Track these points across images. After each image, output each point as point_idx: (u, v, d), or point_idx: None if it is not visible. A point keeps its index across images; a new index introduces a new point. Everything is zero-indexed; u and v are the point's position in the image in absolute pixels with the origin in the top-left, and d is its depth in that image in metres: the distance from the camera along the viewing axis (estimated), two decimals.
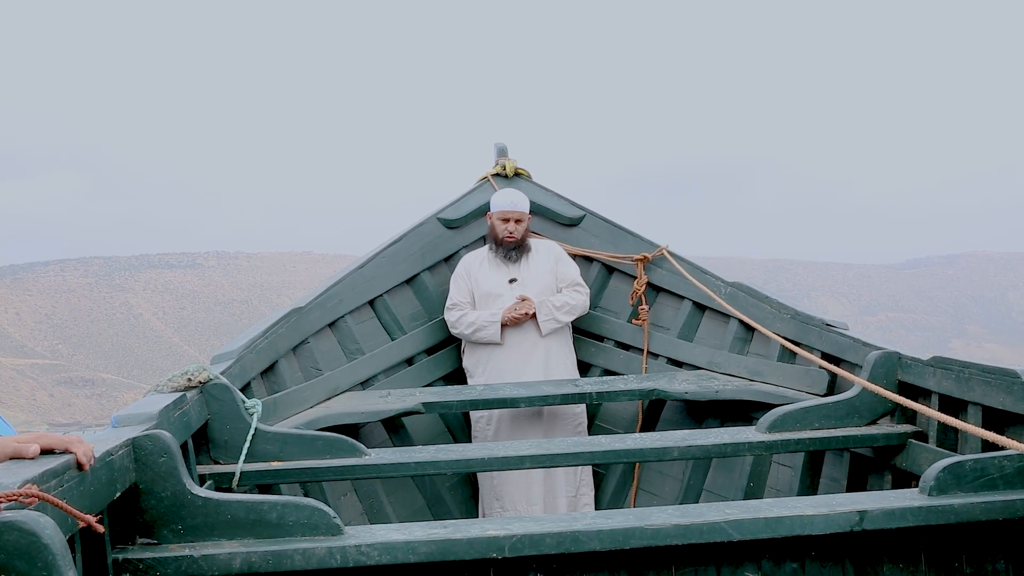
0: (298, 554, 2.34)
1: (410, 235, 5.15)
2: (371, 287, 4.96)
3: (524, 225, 4.95)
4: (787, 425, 3.45)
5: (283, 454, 3.28)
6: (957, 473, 2.56)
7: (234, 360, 3.70)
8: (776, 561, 2.53)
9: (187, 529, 2.40)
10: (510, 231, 4.91)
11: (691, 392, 4.36)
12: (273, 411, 3.87)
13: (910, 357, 3.48)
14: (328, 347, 4.68)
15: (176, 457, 2.43)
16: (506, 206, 4.94)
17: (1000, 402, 2.96)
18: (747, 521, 2.45)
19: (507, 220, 4.92)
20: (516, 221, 4.92)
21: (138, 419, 2.68)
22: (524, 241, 4.96)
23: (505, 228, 4.91)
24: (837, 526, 2.47)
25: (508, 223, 4.91)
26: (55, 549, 1.62)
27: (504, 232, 4.91)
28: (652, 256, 5.02)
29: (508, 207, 4.93)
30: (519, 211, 4.94)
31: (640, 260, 5.03)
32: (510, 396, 4.31)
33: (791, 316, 4.37)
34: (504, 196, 4.99)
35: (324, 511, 2.42)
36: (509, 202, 4.94)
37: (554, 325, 4.86)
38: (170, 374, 3.21)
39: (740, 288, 4.68)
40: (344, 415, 4.16)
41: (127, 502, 2.38)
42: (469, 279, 4.97)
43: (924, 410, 2.80)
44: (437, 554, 2.37)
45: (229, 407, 3.25)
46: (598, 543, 2.41)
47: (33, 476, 1.81)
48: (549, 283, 4.94)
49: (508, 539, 2.38)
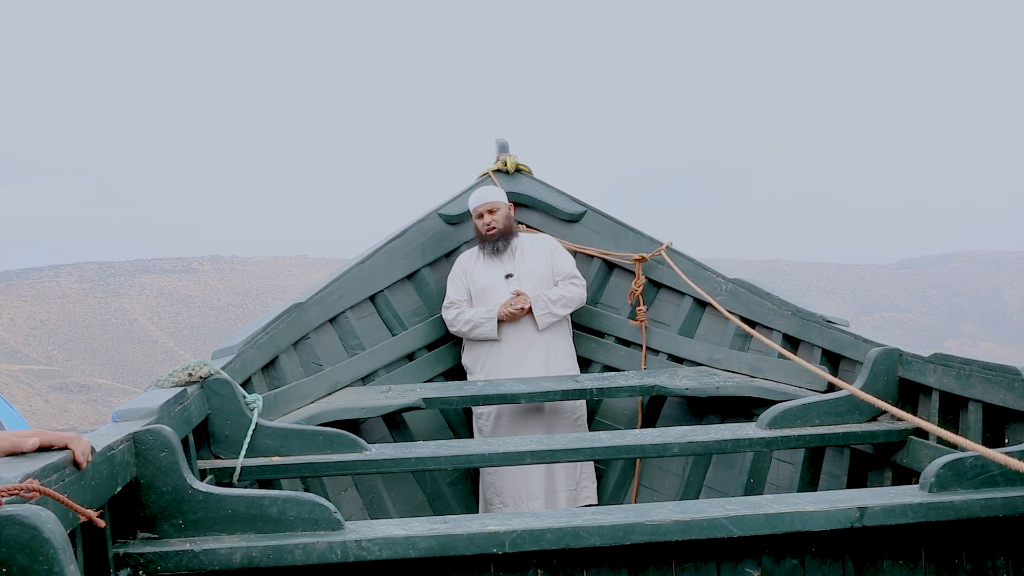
0: (299, 549, 2.34)
1: (411, 230, 5.15)
2: (372, 282, 4.96)
3: (501, 214, 4.96)
4: (787, 421, 3.46)
5: (284, 449, 3.28)
6: (957, 470, 2.56)
7: (235, 355, 3.70)
8: (776, 557, 2.53)
9: (188, 523, 2.41)
10: (487, 223, 4.94)
11: (692, 388, 4.36)
12: (274, 406, 3.87)
13: (911, 354, 3.48)
14: (329, 342, 4.69)
15: (177, 452, 2.43)
16: (476, 202, 4.98)
17: (1001, 399, 2.96)
18: (747, 517, 2.45)
19: (482, 215, 4.96)
20: (490, 212, 4.94)
21: (139, 414, 2.68)
22: (508, 230, 4.97)
23: (483, 223, 4.95)
24: (837, 522, 2.47)
25: (483, 217, 4.95)
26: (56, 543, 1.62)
27: (484, 227, 4.95)
28: (650, 256, 5.02)
29: (478, 202, 4.97)
30: (489, 201, 4.95)
31: (638, 260, 5.03)
32: (510, 392, 4.31)
33: (792, 313, 4.37)
34: (474, 194, 5.03)
35: (325, 506, 2.42)
36: (478, 198, 4.98)
37: (551, 319, 4.86)
38: (171, 369, 3.21)
39: (741, 285, 4.68)
40: (345, 410, 4.17)
41: (128, 496, 2.39)
42: (465, 277, 4.98)
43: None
44: (437, 549, 2.37)
45: (230, 402, 3.25)
46: (598, 539, 2.41)
47: (34, 470, 1.81)
48: (545, 276, 4.94)
49: (508, 534, 2.39)
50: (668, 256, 4.96)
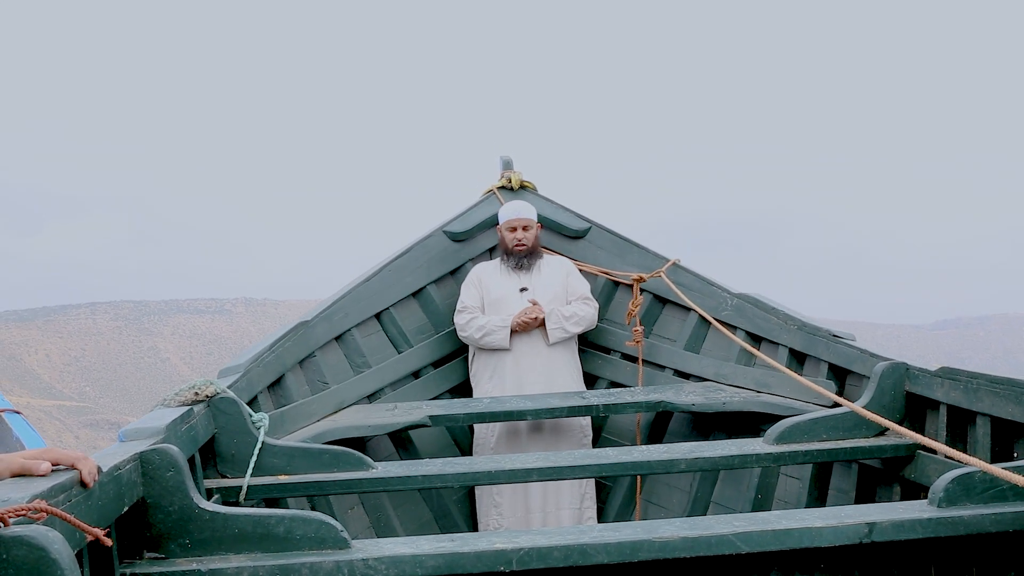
0: (305, 568, 2.33)
1: (416, 248, 5.16)
2: (377, 300, 4.97)
3: (533, 232, 5.01)
4: (795, 437, 3.44)
5: (290, 468, 3.27)
6: (966, 484, 2.54)
7: (241, 374, 3.71)
8: (785, 573, 2.52)
9: (194, 543, 2.40)
10: (519, 239, 4.98)
11: (698, 404, 4.35)
12: (280, 425, 3.87)
13: (918, 368, 3.47)
14: (335, 360, 4.69)
15: (183, 471, 2.43)
16: (512, 215, 5.02)
17: (1009, 413, 2.95)
18: (755, 533, 2.44)
19: (515, 229, 5.00)
20: (524, 228, 5.00)
21: (145, 433, 2.68)
22: (535, 249, 5.01)
23: (514, 237, 4.99)
24: (846, 538, 2.46)
25: (516, 231, 4.99)
26: (63, 563, 1.62)
27: (513, 241, 4.99)
28: (649, 276, 5.02)
29: (514, 215, 5.02)
30: (525, 218, 5.02)
31: (636, 280, 5.04)
32: (516, 409, 4.30)
33: (798, 327, 4.37)
34: (510, 207, 5.08)
35: (331, 525, 2.42)
36: (514, 211, 5.03)
37: (562, 334, 4.87)
38: (177, 388, 3.21)
39: (747, 300, 4.67)
40: (351, 428, 4.16)
41: (135, 516, 2.38)
42: (480, 285, 5.00)
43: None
44: (444, 568, 2.36)
45: (236, 421, 3.25)
46: (606, 556, 2.40)
47: (41, 491, 1.81)
48: (559, 294, 4.96)
49: (515, 552, 2.38)
50: (671, 274, 4.96)
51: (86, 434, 66.32)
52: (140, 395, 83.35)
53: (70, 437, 65.01)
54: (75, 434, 66.06)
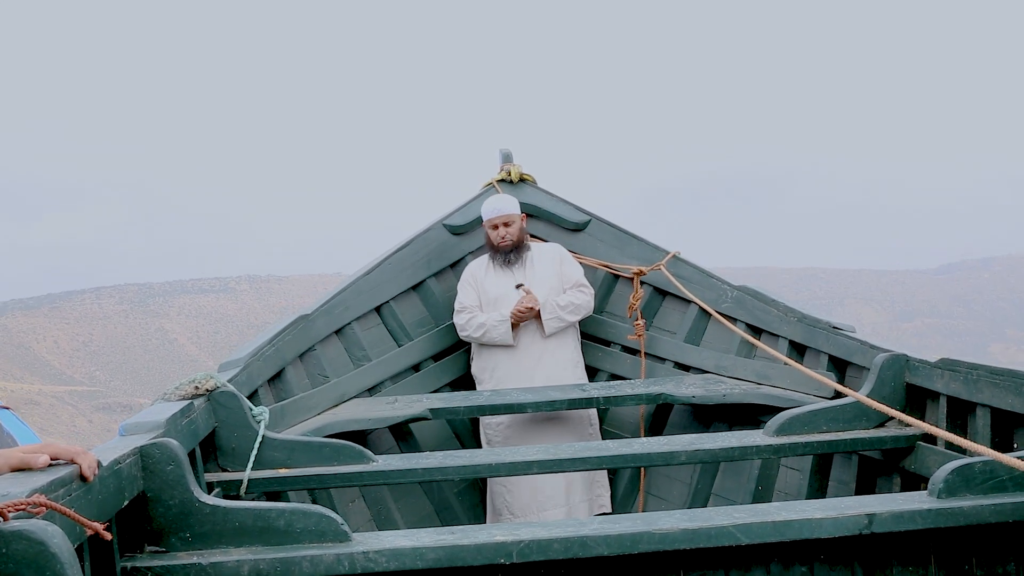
0: (306, 561, 2.34)
1: (416, 241, 5.16)
2: (377, 294, 4.97)
3: (516, 226, 4.98)
4: (795, 428, 3.45)
5: (291, 461, 3.28)
6: (966, 475, 2.55)
7: (241, 368, 3.71)
8: (785, 565, 2.52)
9: (195, 537, 2.41)
10: (502, 236, 4.95)
11: (698, 396, 4.35)
12: (280, 418, 3.87)
13: (917, 359, 3.47)
14: (335, 354, 4.69)
15: (184, 465, 2.43)
16: (492, 213, 4.99)
17: (1009, 404, 2.95)
18: (755, 525, 2.44)
19: (496, 227, 4.97)
20: (505, 224, 4.96)
21: (146, 427, 2.68)
22: (521, 242, 4.99)
23: (497, 234, 4.96)
24: (846, 529, 2.46)
25: (498, 229, 4.96)
26: (63, 558, 1.62)
27: (497, 238, 4.96)
28: (649, 269, 5.01)
29: (494, 214, 4.98)
30: (505, 214, 4.97)
31: (636, 273, 5.03)
32: (517, 402, 4.30)
33: (798, 319, 4.37)
34: (489, 204, 5.04)
35: (332, 518, 2.42)
36: (494, 209, 5.00)
37: (559, 324, 4.86)
38: (177, 382, 3.21)
39: (747, 292, 4.67)
40: (351, 422, 4.16)
41: (135, 510, 2.39)
42: (476, 284, 4.98)
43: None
44: (445, 560, 2.37)
45: (236, 414, 3.25)
46: (606, 548, 2.41)
47: (41, 485, 1.81)
48: (555, 285, 4.95)
49: (516, 545, 2.38)
50: (671, 266, 4.95)
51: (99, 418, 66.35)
52: (150, 376, 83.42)
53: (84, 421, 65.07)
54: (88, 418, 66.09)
